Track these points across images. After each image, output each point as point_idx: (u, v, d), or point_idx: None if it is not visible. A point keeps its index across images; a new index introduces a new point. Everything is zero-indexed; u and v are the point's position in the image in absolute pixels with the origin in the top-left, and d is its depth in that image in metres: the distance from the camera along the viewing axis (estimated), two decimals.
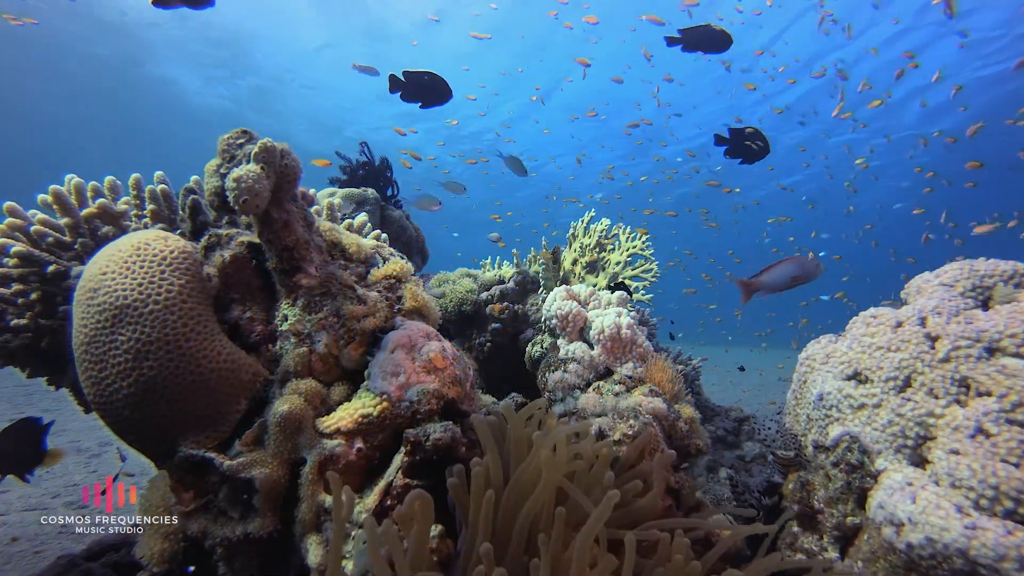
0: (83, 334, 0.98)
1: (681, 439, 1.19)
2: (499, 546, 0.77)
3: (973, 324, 1.04)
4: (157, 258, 1.01)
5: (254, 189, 0.97)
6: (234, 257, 1.09)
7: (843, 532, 1.05)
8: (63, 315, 1.28)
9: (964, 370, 1.01)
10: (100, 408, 0.98)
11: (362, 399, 1.02)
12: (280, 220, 1.05)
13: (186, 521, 0.99)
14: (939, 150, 13.57)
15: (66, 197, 1.31)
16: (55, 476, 2.53)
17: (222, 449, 1.00)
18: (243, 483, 0.96)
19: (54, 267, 1.27)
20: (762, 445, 1.97)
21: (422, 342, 1.09)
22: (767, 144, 2.51)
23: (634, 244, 2.32)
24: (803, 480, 1.13)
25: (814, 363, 1.24)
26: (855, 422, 1.09)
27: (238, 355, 1.04)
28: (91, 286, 0.99)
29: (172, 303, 0.99)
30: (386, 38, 12.71)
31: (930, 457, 0.99)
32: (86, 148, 19.37)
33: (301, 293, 1.08)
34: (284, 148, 1.04)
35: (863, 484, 1.04)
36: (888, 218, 19.61)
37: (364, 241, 1.28)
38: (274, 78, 14.17)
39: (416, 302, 1.21)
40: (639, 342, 1.45)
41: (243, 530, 0.95)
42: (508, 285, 2.09)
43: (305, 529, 0.94)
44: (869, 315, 1.20)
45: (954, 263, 1.19)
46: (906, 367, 1.06)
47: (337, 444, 0.98)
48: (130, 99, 15.29)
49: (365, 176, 3.47)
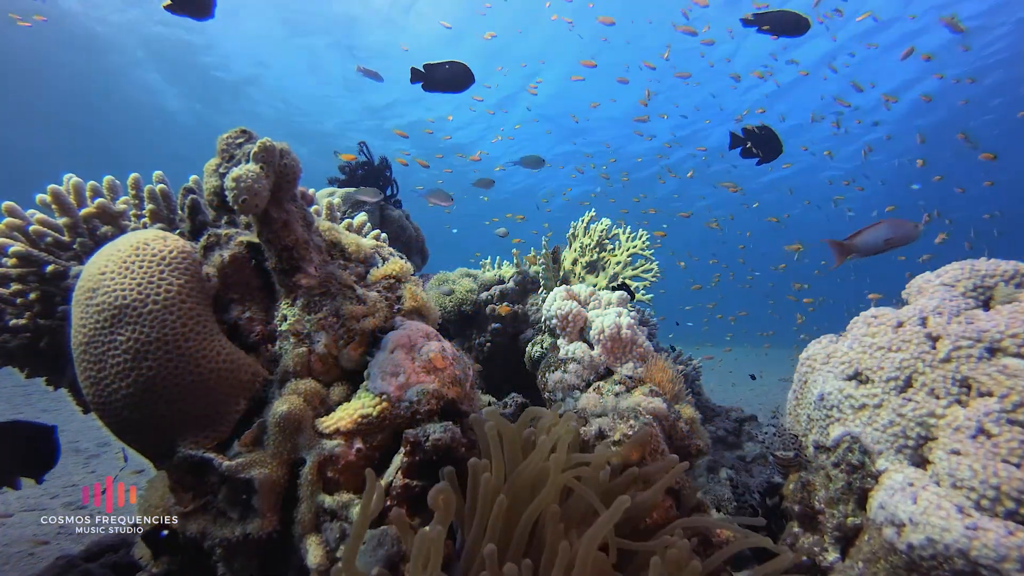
0: (82, 334, 0.97)
1: (681, 439, 1.19)
2: (499, 547, 0.77)
3: (974, 324, 1.04)
4: (156, 258, 1.01)
5: (253, 189, 0.97)
6: (233, 257, 1.09)
7: (844, 533, 1.05)
8: (62, 315, 1.28)
9: (965, 370, 1.00)
10: (99, 408, 0.98)
11: (361, 399, 1.02)
12: (279, 220, 1.05)
13: (185, 522, 0.99)
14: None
15: (65, 197, 1.30)
16: (54, 477, 2.53)
17: (221, 449, 1.00)
18: (242, 483, 0.96)
19: (53, 267, 1.27)
20: (762, 446, 1.97)
21: (422, 342, 1.09)
22: (779, 142, 2.51)
23: (634, 244, 2.32)
24: (804, 480, 1.13)
25: (815, 363, 1.24)
26: (856, 422, 1.09)
27: (237, 355, 1.03)
28: (90, 286, 0.99)
29: (171, 303, 0.98)
30: (356, 34, 12.35)
31: (931, 457, 0.99)
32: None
33: (300, 293, 1.08)
34: (283, 147, 1.04)
35: (864, 484, 1.04)
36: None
37: (363, 241, 1.28)
38: (241, 77, 13.79)
39: (416, 302, 1.21)
40: (639, 342, 1.45)
41: (242, 531, 0.95)
42: (508, 285, 2.09)
43: (304, 529, 0.94)
44: (870, 315, 1.20)
45: (955, 263, 1.19)
46: (907, 367, 1.06)
47: (336, 444, 0.97)
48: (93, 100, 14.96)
49: (364, 176, 3.46)
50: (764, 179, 18.11)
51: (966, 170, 12.78)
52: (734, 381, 7.08)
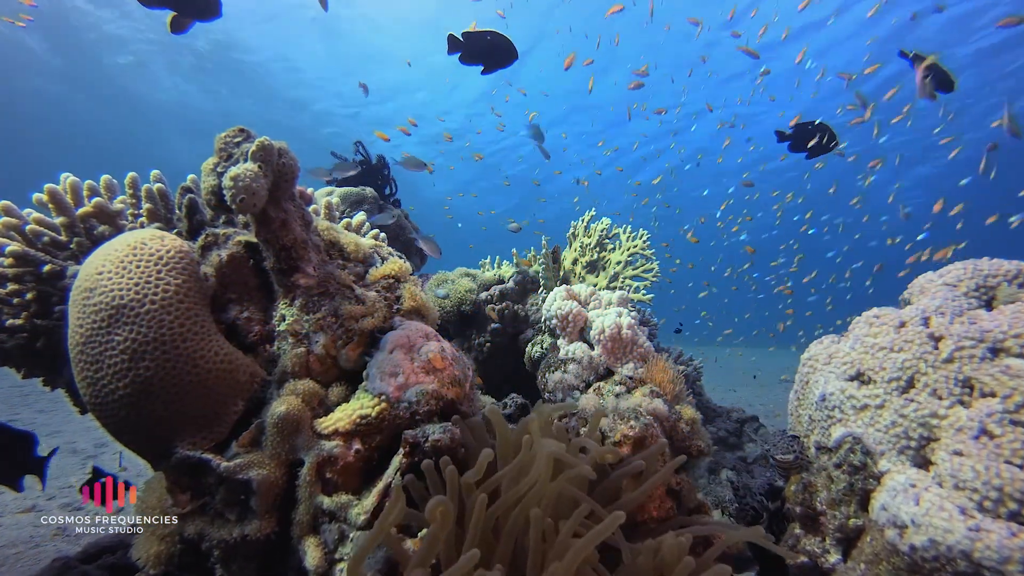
0: (79, 334, 0.97)
1: (682, 440, 1.19)
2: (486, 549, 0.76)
3: (977, 324, 1.03)
4: (153, 258, 1.00)
5: (251, 188, 0.96)
6: (231, 257, 1.08)
7: (846, 534, 1.04)
8: (59, 315, 1.27)
9: (968, 371, 1.00)
10: (96, 409, 0.98)
11: (360, 400, 1.01)
12: (278, 219, 1.04)
13: (183, 523, 0.98)
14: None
15: (62, 196, 1.30)
16: (51, 478, 2.52)
17: (219, 451, 0.99)
18: (240, 485, 0.95)
19: (50, 267, 1.26)
20: (763, 448, 1.97)
21: (421, 342, 1.08)
22: (834, 136, 2.46)
23: (635, 243, 2.31)
24: (805, 482, 1.13)
25: (816, 364, 1.23)
26: (858, 423, 1.09)
27: (235, 355, 1.03)
28: (87, 286, 0.98)
29: (169, 303, 0.98)
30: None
31: (933, 458, 0.98)
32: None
33: (299, 293, 1.07)
34: (282, 146, 1.03)
35: (866, 486, 1.03)
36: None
37: (362, 240, 1.27)
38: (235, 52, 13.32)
39: (415, 302, 1.20)
40: (640, 342, 1.44)
41: (240, 532, 0.94)
42: (508, 285, 2.08)
43: (303, 531, 0.93)
44: (872, 315, 1.19)
45: (957, 263, 1.18)
46: (909, 368, 1.05)
47: (335, 445, 0.97)
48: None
49: (362, 175, 3.45)
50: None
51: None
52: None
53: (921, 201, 16.19)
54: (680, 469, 1.20)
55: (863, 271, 11.10)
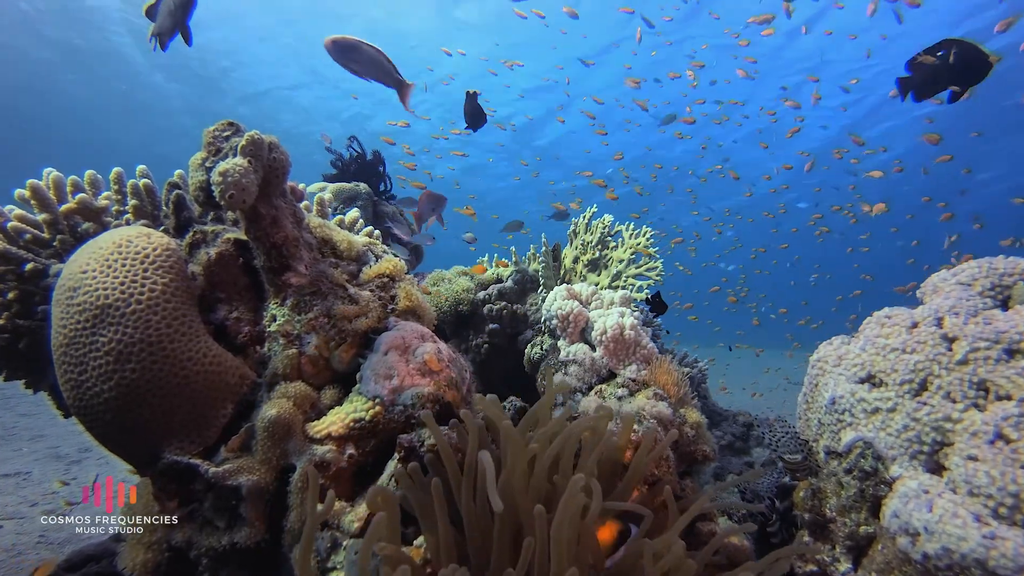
0: (62, 335, 0.94)
1: (687, 445, 1.16)
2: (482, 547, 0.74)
3: (992, 325, 1.00)
4: (139, 256, 0.97)
5: (241, 184, 0.92)
6: (220, 255, 1.04)
7: (856, 542, 1.01)
8: (42, 315, 1.24)
9: (983, 373, 0.97)
10: (80, 413, 0.95)
11: (354, 403, 0.98)
12: (268, 216, 1.01)
13: (170, 531, 0.95)
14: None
15: (44, 192, 1.26)
16: (33, 484, 2.46)
17: (207, 455, 0.97)
18: (230, 491, 0.93)
19: (32, 265, 1.22)
20: (770, 450, 1.94)
21: (416, 344, 1.05)
22: (980, 52, 1.74)
23: (638, 241, 2.27)
24: (815, 488, 1.10)
25: (826, 365, 1.20)
26: (869, 427, 1.05)
27: (224, 357, 1.00)
28: (71, 285, 0.95)
29: (155, 303, 0.95)
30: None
31: (947, 463, 0.95)
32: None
33: (290, 292, 1.04)
34: (273, 141, 1.00)
35: (877, 492, 1.00)
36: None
37: (356, 238, 1.24)
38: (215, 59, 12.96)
39: (410, 302, 1.17)
40: (643, 343, 1.41)
41: (230, 539, 0.92)
42: (506, 284, 2.04)
43: (295, 539, 0.91)
44: (883, 315, 1.16)
45: (972, 261, 1.15)
46: (922, 369, 1.02)
47: (328, 450, 0.94)
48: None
49: (357, 171, 3.40)
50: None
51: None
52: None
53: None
54: (685, 475, 1.17)
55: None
